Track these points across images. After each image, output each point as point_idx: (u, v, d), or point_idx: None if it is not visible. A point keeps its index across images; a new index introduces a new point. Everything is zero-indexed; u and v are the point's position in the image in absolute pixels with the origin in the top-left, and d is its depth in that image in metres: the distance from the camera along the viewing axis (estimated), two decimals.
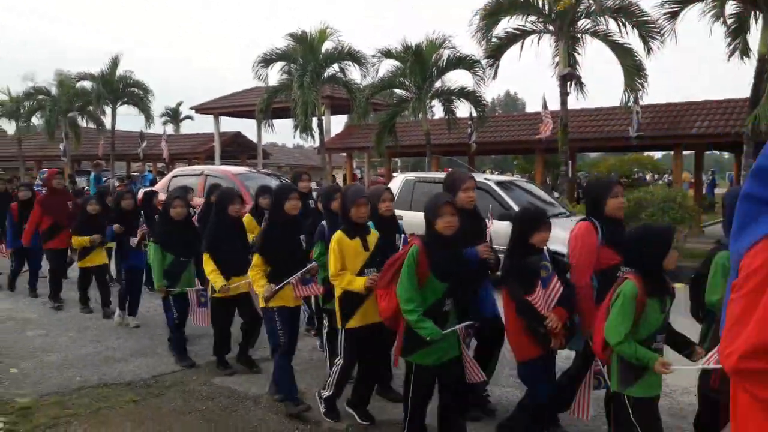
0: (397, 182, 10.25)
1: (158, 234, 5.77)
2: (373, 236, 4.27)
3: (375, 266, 4.10)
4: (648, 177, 31.19)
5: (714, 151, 28.76)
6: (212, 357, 5.67)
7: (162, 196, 7.93)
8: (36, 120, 29.85)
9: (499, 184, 9.23)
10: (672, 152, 17.79)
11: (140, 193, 9.60)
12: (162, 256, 5.63)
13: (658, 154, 40.11)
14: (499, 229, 5.00)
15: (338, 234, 4.17)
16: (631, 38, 13.72)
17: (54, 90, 26.60)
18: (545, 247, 3.73)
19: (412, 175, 10.43)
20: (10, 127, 33.77)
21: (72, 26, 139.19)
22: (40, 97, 27.28)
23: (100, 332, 6.75)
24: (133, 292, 7.04)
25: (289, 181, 10.52)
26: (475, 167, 21.59)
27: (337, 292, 4.21)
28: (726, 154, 30.84)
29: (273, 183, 11.74)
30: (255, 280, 4.51)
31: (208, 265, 5.11)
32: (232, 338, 5.61)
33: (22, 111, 28.30)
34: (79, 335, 6.63)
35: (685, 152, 18.08)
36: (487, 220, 4.35)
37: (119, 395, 4.88)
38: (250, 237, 5.64)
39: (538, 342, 3.66)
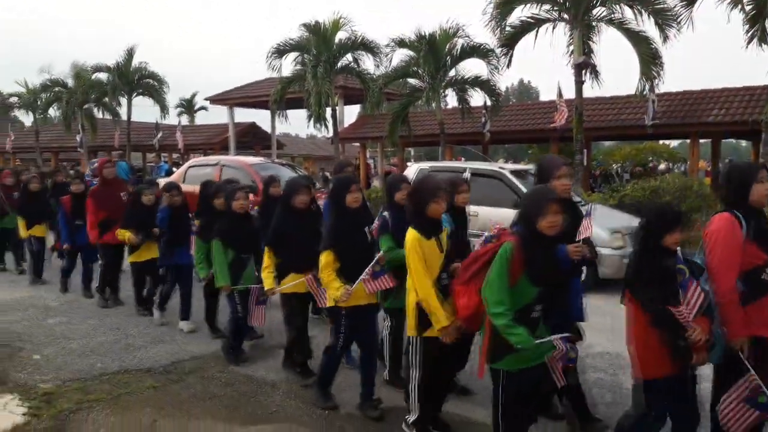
0: (411, 172, 10.25)
1: (221, 229, 5.37)
2: (445, 234, 3.84)
3: (447, 269, 3.77)
4: (662, 166, 30.82)
5: (731, 140, 28.44)
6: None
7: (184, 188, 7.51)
8: (53, 111, 30.14)
9: (513, 172, 9.23)
10: (688, 141, 17.61)
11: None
12: (225, 253, 5.32)
13: (674, 143, 39.72)
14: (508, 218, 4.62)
15: (414, 234, 3.68)
16: (647, 26, 13.59)
17: (70, 82, 26.84)
18: (678, 249, 3.24)
19: (426, 165, 10.43)
20: (27, 119, 34.22)
21: (86, 18, 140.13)
22: (57, 88, 27.52)
23: (120, 320, 6.87)
24: (184, 293, 6.55)
25: (303, 173, 10.27)
26: (489, 156, 21.50)
27: (413, 298, 3.74)
28: (744, 142, 30.40)
29: (287, 173, 11.88)
30: (329, 282, 4.14)
31: (265, 262, 4.79)
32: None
33: (39, 103, 28.60)
34: (100, 323, 6.75)
35: (701, 140, 17.89)
36: (588, 218, 3.68)
37: (139, 381, 4.98)
38: None
39: (675, 358, 3.16)
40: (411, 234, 3.69)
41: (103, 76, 25.86)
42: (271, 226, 4.84)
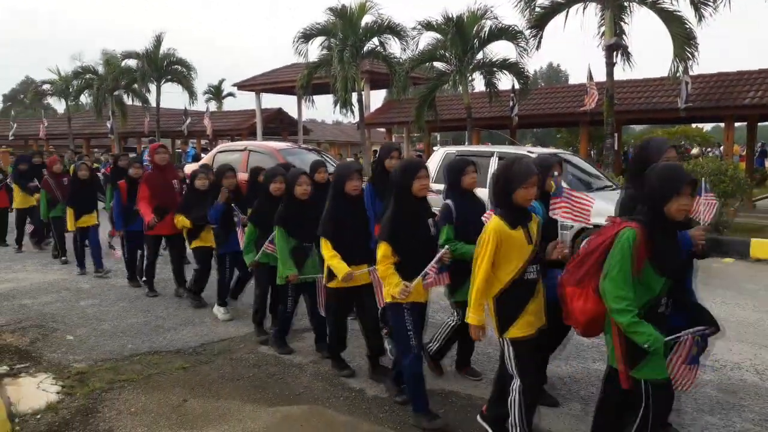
0: (437, 156, 10.18)
1: (281, 216, 4.99)
2: (535, 223, 3.41)
3: (538, 262, 3.39)
4: (695, 150, 30.10)
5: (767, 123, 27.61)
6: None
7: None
8: (84, 98, 30.69)
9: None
10: (722, 124, 17.17)
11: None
12: (286, 241, 4.96)
13: (707, 126, 38.78)
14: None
15: (496, 222, 3.28)
16: (681, 5, 13.24)
17: (101, 69, 27.24)
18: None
19: (452, 149, 10.34)
20: (60, 106, 34.83)
21: (114, 6, 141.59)
22: (88, 76, 27.99)
23: (150, 302, 6.97)
24: (243, 278, 6.50)
25: (330, 157, 10.03)
26: (517, 141, 21.25)
27: (492, 291, 3.34)
28: None
29: (313, 158, 11.88)
30: (386, 276, 3.79)
31: (327, 251, 4.36)
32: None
33: (71, 90, 29.10)
34: (130, 305, 6.86)
35: (736, 124, 17.42)
36: (707, 196, 3.38)
37: (169, 362, 5.05)
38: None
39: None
40: (494, 222, 3.29)
41: (132, 62, 26.20)
42: (325, 215, 4.44)
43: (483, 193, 4.39)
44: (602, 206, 4.89)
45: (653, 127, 32.09)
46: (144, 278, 7.47)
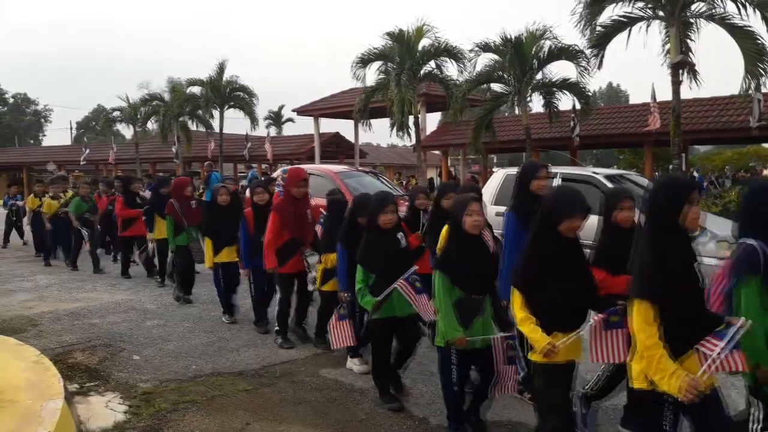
0: (497, 178, 10.04)
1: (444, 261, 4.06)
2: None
3: None
4: (767, 171, 28.75)
5: None
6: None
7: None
8: (150, 125, 31.96)
9: (608, 177, 8.81)
10: None
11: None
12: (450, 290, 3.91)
13: None
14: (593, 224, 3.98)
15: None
16: (752, 20, 12.74)
17: (167, 96, 28.35)
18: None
19: (513, 170, 10.16)
20: (128, 132, 36.41)
21: (175, 37, 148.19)
22: (155, 102, 29.18)
23: (213, 324, 7.05)
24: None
25: (382, 179, 9.79)
26: (580, 161, 20.81)
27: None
28: None
29: (369, 180, 11.93)
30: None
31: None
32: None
33: (138, 116, 30.40)
34: (194, 326, 6.96)
35: None
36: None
37: (232, 384, 5.06)
38: None
39: None
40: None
41: (196, 89, 27.15)
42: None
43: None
44: None
45: (721, 147, 30.91)
46: (261, 320, 6.75)
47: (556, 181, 8.84)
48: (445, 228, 4.11)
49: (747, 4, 12.60)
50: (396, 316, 4.46)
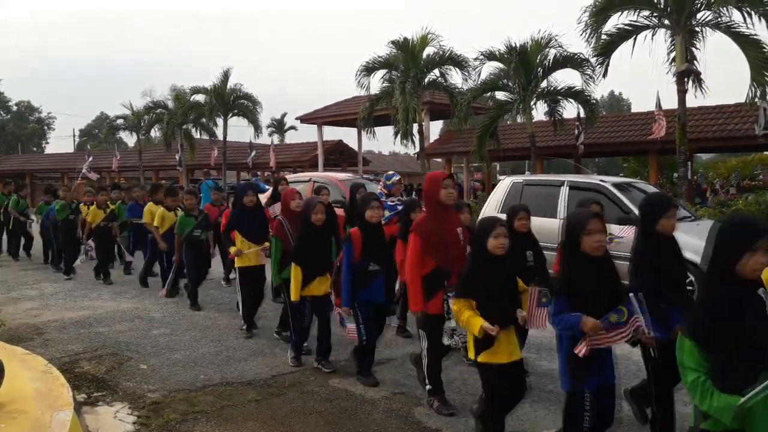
0: (503, 186, 9.99)
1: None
2: None
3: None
4: None
5: None
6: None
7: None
8: (154, 132, 32.03)
9: (616, 185, 8.76)
10: None
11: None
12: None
13: None
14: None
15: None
16: (758, 29, 12.72)
17: (170, 104, 28.41)
18: None
19: (519, 178, 10.13)
20: (131, 140, 36.47)
21: (181, 42, 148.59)
22: (158, 110, 29.24)
23: (221, 332, 7.00)
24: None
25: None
26: (585, 169, 20.79)
27: None
28: None
29: (374, 188, 11.89)
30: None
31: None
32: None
33: (142, 124, 30.46)
34: (201, 334, 6.91)
35: None
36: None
37: (241, 394, 5.01)
38: None
39: None
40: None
41: (200, 97, 27.20)
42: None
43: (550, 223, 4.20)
44: (688, 240, 4.63)
45: (725, 155, 30.86)
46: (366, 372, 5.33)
47: (564, 190, 8.79)
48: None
49: (753, 13, 12.58)
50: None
